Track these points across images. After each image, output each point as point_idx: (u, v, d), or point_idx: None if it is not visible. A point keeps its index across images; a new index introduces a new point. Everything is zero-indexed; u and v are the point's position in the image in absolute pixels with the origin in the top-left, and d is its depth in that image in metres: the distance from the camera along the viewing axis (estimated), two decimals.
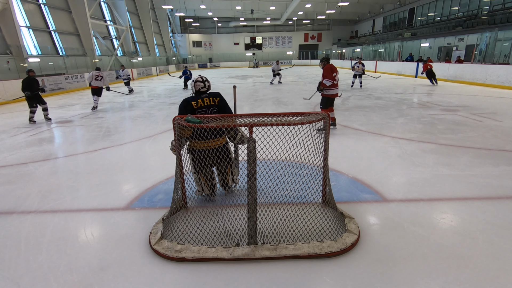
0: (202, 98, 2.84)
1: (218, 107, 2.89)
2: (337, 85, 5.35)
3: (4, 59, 13.23)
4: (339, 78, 5.39)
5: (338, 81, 5.36)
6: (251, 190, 2.19)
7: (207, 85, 2.93)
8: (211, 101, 2.85)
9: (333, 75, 5.24)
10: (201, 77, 2.95)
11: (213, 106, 2.86)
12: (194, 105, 2.79)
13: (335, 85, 5.31)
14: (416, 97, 9.87)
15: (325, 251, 2.16)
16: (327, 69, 5.29)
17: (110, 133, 6.14)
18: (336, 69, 5.37)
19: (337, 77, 5.30)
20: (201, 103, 2.81)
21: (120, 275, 2.04)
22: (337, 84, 5.35)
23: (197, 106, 2.80)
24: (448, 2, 22.36)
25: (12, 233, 2.58)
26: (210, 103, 2.84)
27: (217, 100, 2.88)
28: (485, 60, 15.53)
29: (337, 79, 5.32)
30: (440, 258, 2.10)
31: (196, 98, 2.84)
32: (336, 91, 5.38)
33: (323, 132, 2.66)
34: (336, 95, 5.41)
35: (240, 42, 43.29)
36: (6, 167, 4.27)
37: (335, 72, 5.29)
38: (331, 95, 5.37)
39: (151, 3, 31.85)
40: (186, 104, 2.80)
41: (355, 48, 33.49)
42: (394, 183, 3.34)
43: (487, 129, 5.50)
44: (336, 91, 5.37)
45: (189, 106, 2.78)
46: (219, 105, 2.89)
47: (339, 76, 5.39)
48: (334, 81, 5.24)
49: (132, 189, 3.40)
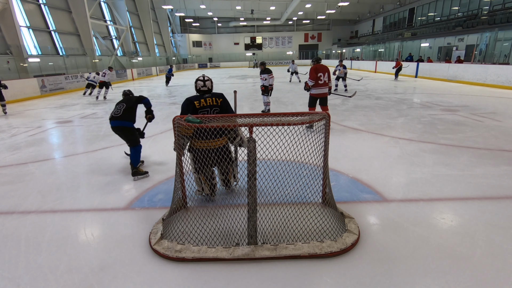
0: (205, 98, 2.85)
1: (220, 107, 2.89)
2: (323, 85, 5.48)
3: (4, 59, 13.24)
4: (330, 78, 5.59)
5: (325, 81, 5.48)
6: (251, 190, 2.19)
7: (207, 84, 2.91)
8: (214, 101, 2.86)
9: (318, 75, 5.41)
10: (203, 76, 2.94)
11: (216, 106, 2.87)
12: (197, 105, 2.80)
13: (319, 85, 5.45)
14: (416, 97, 9.87)
15: (325, 251, 2.16)
16: (312, 70, 5.49)
17: (110, 133, 6.11)
18: (324, 69, 5.49)
19: (324, 77, 5.44)
20: (203, 103, 2.83)
21: (120, 275, 2.04)
22: (323, 84, 5.48)
23: (200, 105, 2.81)
24: (448, 2, 22.36)
25: (12, 233, 2.58)
26: (212, 103, 2.86)
27: (219, 100, 2.90)
28: (485, 60, 15.54)
29: (324, 80, 5.46)
30: (440, 258, 2.11)
31: (199, 98, 2.85)
32: (321, 91, 5.51)
33: (310, 130, 2.67)
34: (322, 95, 5.54)
35: (240, 42, 43.29)
36: (6, 167, 4.27)
37: (320, 72, 5.42)
38: (315, 94, 5.54)
39: (151, 3, 31.85)
40: (188, 103, 2.81)
41: (355, 48, 33.49)
42: (394, 183, 3.34)
43: (487, 129, 5.50)
44: (321, 91, 5.51)
45: (191, 105, 2.80)
46: (222, 105, 2.90)
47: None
48: (319, 81, 5.41)
49: (132, 189, 3.40)
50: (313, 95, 5.56)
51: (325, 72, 5.47)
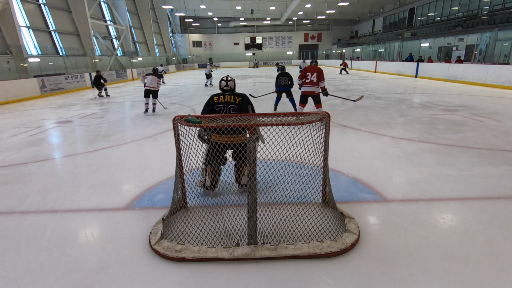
0: (224, 95, 3.07)
1: (237, 106, 3.03)
2: (309, 84, 5.86)
3: (4, 59, 13.24)
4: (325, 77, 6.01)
5: (312, 80, 5.84)
6: (251, 190, 2.19)
7: (230, 84, 3.15)
8: (232, 99, 3.04)
9: (306, 74, 5.90)
10: (226, 76, 3.18)
11: (232, 104, 3.03)
12: (216, 100, 3.03)
13: (306, 83, 5.89)
14: (416, 97, 9.87)
15: (325, 251, 2.16)
16: (303, 70, 6.04)
17: (110, 133, 6.14)
18: (312, 69, 5.88)
19: (311, 76, 5.86)
20: (221, 99, 3.04)
21: (120, 275, 2.04)
22: (310, 83, 5.85)
23: (218, 101, 3.03)
24: (448, 2, 22.37)
25: (12, 233, 2.58)
26: (230, 101, 3.03)
27: (238, 99, 3.05)
28: (485, 60, 15.54)
29: (311, 79, 5.84)
30: (440, 258, 2.10)
31: (220, 94, 3.08)
32: (308, 89, 5.87)
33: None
34: (310, 93, 5.88)
35: (240, 42, 43.31)
36: (6, 167, 4.27)
37: (308, 72, 5.88)
38: (303, 91, 5.96)
39: (151, 3, 31.85)
40: (210, 98, 3.07)
41: (355, 48, 33.48)
42: (394, 183, 3.34)
43: (487, 129, 5.50)
44: (307, 89, 5.87)
45: (212, 100, 3.04)
46: (239, 104, 3.04)
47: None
48: (306, 79, 5.89)
49: (132, 189, 3.40)
50: (302, 92, 6.01)
51: (314, 72, 5.85)
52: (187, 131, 2.56)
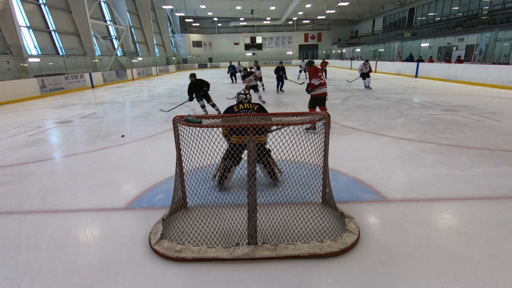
0: (243, 103, 3.40)
1: (256, 111, 3.31)
2: (324, 85, 5.59)
3: (4, 59, 13.24)
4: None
5: (325, 81, 5.62)
6: (251, 190, 2.19)
7: (249, 97, 3.53)
8: (250, 106, 3.36)
9: (318, 74, 5.52)
10: (244, 91, 3.54)
11: (252, 110, 3.34)
12: (235, 109, 3.33)
13: (323, 84, 5.54)
14: (416, 97, 9.87)
15: (325, 251, 2.16)
16: (312, 70, 5.59)
17: (110, 133, 6.14)
18: (320, 70, 5.67)
19: (322, 76, 5.59)
20: (241, 107, 3.34)
21: (120, 275, 2.04)
22: (324, 84, 5.59)
23: (238, 109, 3.32)
24: (448, 2, 22.36)
25: (12, 233, 2.58)
26: (249, 107, 3.34)
27: (256, 107, 3.37)
28: (485, 60, 15.53)
29: (323, 79, 5.60)
30: (440, 258, 2.10)
31: (238, 104, 3.42)
32: (323, 90, 5.59)
33: (311, 132, 2.70)
34: (324, 94, 5.61)
35: (240, 42, 43.29)
36: (6, 167, 4.27)
37: (320, 72, 5.58)
38: (317, 94, 5.59)
39: (151, 3, 31.84)
40: (229, 109, 3.35)
41: (355, 48, 33.48)
42: (394, 183, 3.34)
43: (487, 129, 5.50)
44: (323, 90, 5.58)
45: (232, 110, 3.32)
46: (257, 111, 3.34)
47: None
48: (321, 80, 5.51)
49: (132, 189, 3.40)
50: (316, 95, 5.58)
51: (322, 72, 5.70)
52: (187, 131, 2.56)
